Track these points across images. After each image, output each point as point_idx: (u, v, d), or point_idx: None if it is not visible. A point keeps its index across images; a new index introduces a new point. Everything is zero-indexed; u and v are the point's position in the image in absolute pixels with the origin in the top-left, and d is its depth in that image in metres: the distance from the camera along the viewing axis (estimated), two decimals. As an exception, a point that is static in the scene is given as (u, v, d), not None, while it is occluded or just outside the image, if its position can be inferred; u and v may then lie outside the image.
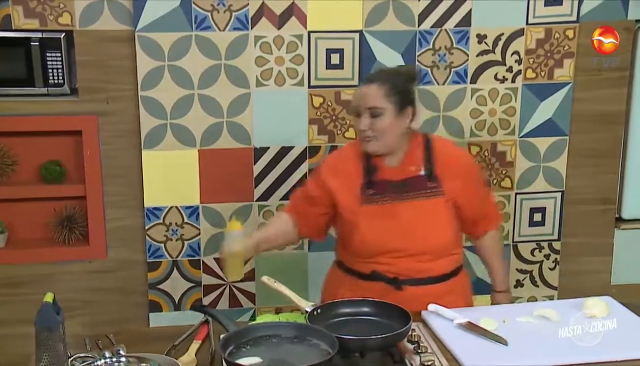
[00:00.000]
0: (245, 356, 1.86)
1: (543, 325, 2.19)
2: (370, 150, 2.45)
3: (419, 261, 2.45)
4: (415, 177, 2.47)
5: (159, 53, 3.28)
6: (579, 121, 3.60)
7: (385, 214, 2.44)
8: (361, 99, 2.44)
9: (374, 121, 2.41)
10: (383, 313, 2.13)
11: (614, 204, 3.75)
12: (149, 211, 3.42)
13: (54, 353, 1.78)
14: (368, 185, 2.47)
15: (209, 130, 3.38)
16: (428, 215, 2.46)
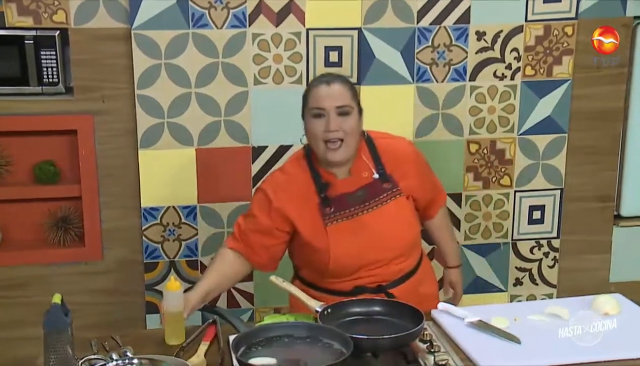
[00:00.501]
0: (258, 357, 1.83)
1: (555, 323, 2.16)
2: (336, 158, 2.31)
3: (396, 263, 2.40)
4: (370, 184, 2.38)
5: (155, 51, 3.23)
6: (577, 118, 3.59)
7: (353, 229, 2.33)
8: (325, 100, 2.29)
9: (342, 120, 2.29)
10: (394, 312, 2.10)
11: (612, 201, 3.74)
12: (146, 211, 3.37)
13: (63, 356, 1.74)
14: (325, 203, 2.34)
15: (206, 129, 3.34)
16: (394, 218, 2.38)
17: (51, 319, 1.73)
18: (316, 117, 2.31)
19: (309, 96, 2.36)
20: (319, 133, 2.30)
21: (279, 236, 2.40)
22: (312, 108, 2.32)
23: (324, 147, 2.31)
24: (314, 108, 2.31)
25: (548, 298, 3.76)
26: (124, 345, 2.06)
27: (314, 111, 2.32)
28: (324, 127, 2.29)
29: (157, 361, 1.75)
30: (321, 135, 2.29)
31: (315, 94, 2.32)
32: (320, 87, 2.33)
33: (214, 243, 3.44)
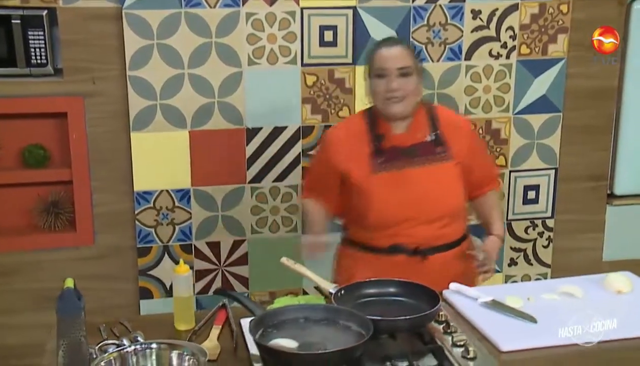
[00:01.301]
0: (276, 339, 1.79)
1: (569, 302, 2.15)
2: (396, 111, 2.44)
3: (436, 227, 2.45)
4: (423, 143, 2.48)
5: (147, 31, 3.16)
6: (572, 97, 3.58)
7: (398, 181, 2.43)
8: (388, 60, 2.42)
9: (403, 80, 2.42)
10: (408, 293, 2.06)
11: (606, 180, 3.74)
12: (139, 195, 3.31)
13: (75, 341, 1.68)
14: (377, 153, 2.46)
15: (199, 111, 3.28)
16: (440, 179, 2.46)
17: (64, 304, 1.67)
18: (379, 77, 2.44)
19: (374, 57, 2.49)
20: (381, 92, 2.44)
21: (334, 184, 2.54)
22: (376, 68, 2.45)
23: (384, 102, 2.44)
24: (377, 68, 2.45)
25: (542, 278, 3.76)
26: (133, 330, 2.00)
27: (377, 71, 2.45)
28: (385, 85, 2.42)
29: (177, 346, 1.70)
30: (383, 94, 2.43)
31: (378, 56, 2.46)
32: (383, 49, 2.47)
33: (208, 226, 3.39)
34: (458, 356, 1.85)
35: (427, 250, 2.43)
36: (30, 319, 3.33)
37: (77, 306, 1.67)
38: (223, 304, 2.12)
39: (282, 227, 3.46)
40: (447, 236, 2.48)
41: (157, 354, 1.69)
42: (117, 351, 1.68)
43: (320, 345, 1.77)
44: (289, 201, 3.43)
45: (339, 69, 3.34)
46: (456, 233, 2.52)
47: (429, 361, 1.83)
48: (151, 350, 1.69)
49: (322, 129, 3.37)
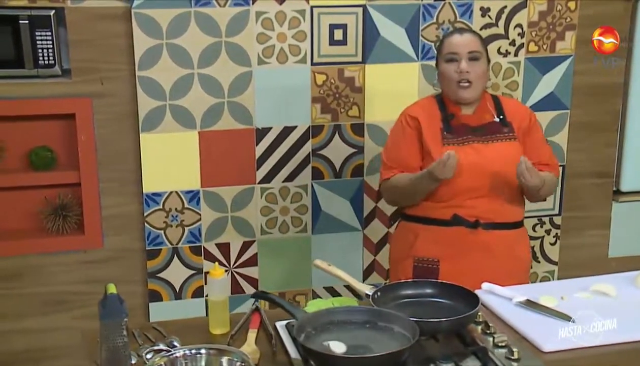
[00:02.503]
0: (323, 342, 1.77)
1: (603, 301, 2.14)
2: (466, 96, 2.56)
3: (497, 202, 2.54)
4: (490, 123, 2.61)
5: (156, 31, 3.12)
6: (579, 94, 3.59)
7: (466, 152, 2.53)
8: (459, 46, 2.55)
9: (473, 65, 2.54)
10: (445, 293, 2.05)
11: (611, 177, 3.76)
12: (148, 197, 3.27)
13: (118, 347, 1.65)
14: (447, 129, 2.58)
15: (209, 111, 3.25)
16: (505, 155, 2.54)
17: (108, 309, 1.64)
18: (449, 61, 2.57)
19: (444, 44, 2.62)
20: (451, 74, 2.56)
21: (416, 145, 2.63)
22: (447, 53, 2.58)
23: (455, 86, 2.56)
24: (448, 53, 2.58)
25: (550, 275, 3.77)
26: (167, 335, 1.97)
27: (448, 56, 2.57)
28: (456, 69, 2.55)
29: (226, 352, 1.67)
30: (454, 76, 2.55)
31: (449, 42, 2.60)
32: (454, 35, 2.61)
33: (218, 228, 3.36)
34: (501, 358, 1.83)
35: (487, 225, 2.53)
36: (38, 323, 3.28)
37: (121, 311, 1.64)
38: (256, 307, 2.09)
39: (292, 227, 3.43)
40: (506, 215, 2.58)
41: (206, 360, 1.66)
42: (166, 357, 1.64)
43: (366, 348, 1.75)
44: (299, 201, 3.41)
45: (349, 68, 3.33)
46: (514, 214, 2.61)
47: (472, 363, 1.82)
48: (201, 356, 1.66)
49: (331, 129, 3.36)
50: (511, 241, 2.60)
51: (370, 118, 3.38)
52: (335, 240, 3.47)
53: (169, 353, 1.68)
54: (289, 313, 1.92)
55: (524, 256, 2.68)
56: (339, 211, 3.46)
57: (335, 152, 3.39)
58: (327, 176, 3.41)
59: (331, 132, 3.36)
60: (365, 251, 3.52)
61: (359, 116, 3.37)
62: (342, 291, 3.51)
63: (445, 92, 2.64)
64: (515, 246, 2.62)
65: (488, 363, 1.81)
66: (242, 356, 1.64)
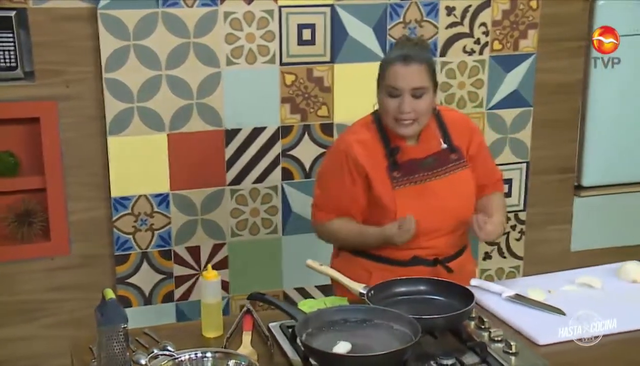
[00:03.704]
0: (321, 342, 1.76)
1: (589, 293, 2.19)
2: (405, 134, 2.33)
3: (455, 236, 2.42)
4: (438, 152, 2.40)
5: (123, 32, 3.07)
6: (541, 91, 3.65)
7: (420, 194, 2.34)
8: (402, 79, 2.27)
9: (416, 102, 2.28)
10: (438, 290, 2.06)
11: (573, 172, 3.83)
12: (116, 201, 3.20)
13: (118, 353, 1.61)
14: (393, 167, 2.35)
15: (178, 113, 3.20)
16: (460, 188, 2.40)
17: (107, 315, 1.60)
18: (391, 96, 2.30)
19: (386, 72, 2.32)
20: (391, 111, 2.31)
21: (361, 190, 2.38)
22: (388, 86, 2.31)
23: (394, 123, 2.33)
24: (389, 86, 2.30)
25: (515, 271, 3.82)
26: (160, 340, 1.93)
27: (389, 90, 2.30)
28: (397, 106, 2.29)
29: (232, 355, 1.65)
30: (393, 113, 2.30)
31: (392, 72, 2.29)
32: (397, 64, 2.29)
33: (188, 231, 3.32)
34: (499, 352, 1.85)
35: (444, 259, 2.38)
36: (6, 334, 3.19)
37: (121, 316, 1.60)
38: (248, 309, 2.07)
39: (263, 229, 3.41)
40: (461, 243, 2.47)
41: (213, 363, 1.63)
42: (171, 361, 1.61)
43: (368, 346, 1.75)
44: (269, 202, 3.39)
45: (318, 68, 3.32)
46: (466, 237, 2.50)
47: (471, 358, 1.83)
48: (207, 359, 1.64)
49: (301, 129, 3.35)
50: (465, 262, 2.49)
51: (340, 118, 3.38)
52: (306, 241, 3.45)
53: (173, 357, 1.64)
54: (286, 314, 1.91)
55: (472, 268, 2.57)
56: (309, 211, 3.41)
57: (305, 153, 3.38)
58: (297, 177, 3.39)
59: (301, 133, 3.35)
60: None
61: (328, 115, 3.37)
62: (313, 292, 3.51)
63: (383, 121, 2.38)
64: (467, 264, 2.50)
65: (487, 358, 1.82)
66: (248, 360, 1.62)
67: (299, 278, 3.49)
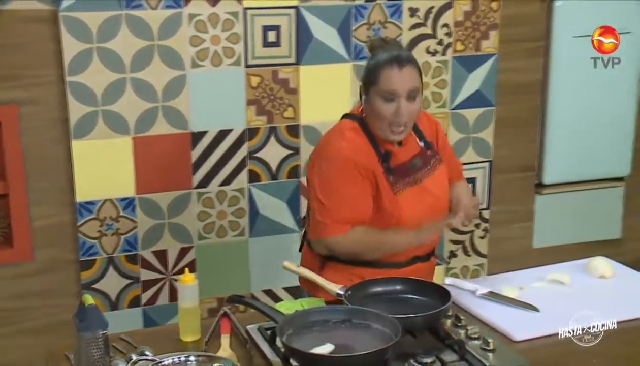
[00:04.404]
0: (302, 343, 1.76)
1: (559, 289, 2.23)
2: (399, 139, 2.32)
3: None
4: (420, 152, 2.42)
5: (86, 34, 3.03)
6: (502, 91, 3.70)
7: (419, 195, 2.35)
8: (398, 82, 2.23)
9: (410, 105, 2.26)
10: (414, 289, 2.08)
11: (534, 170, 3.89)
12: (81, 206, 3.16)
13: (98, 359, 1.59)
14: (388, 172, 2.32)
15: (143, 116, 3.18)
16: (443, 183, 2.45)
17: (88, 321, 1.58)
18: (387, 100, 2.25)
19: (380, 76, 2.26)
20: (387, 116, 2.26)
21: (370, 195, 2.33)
22: (384, 91, 2.25)
23: (387, 129, 2.28)
24: (386, 91, 2.24)
25: (480, 268, 3.87)
26: (137, 345, 1.91)
27: (385, 94, 2.25)
28: (393, 110, 2.24)
29: (215, 358, 1.64)
30: (389, 118, 2.26)
31: (387, 77, 2.24)
32: (393, 69, 2.24)
33: (154, 235, 3.29)
34: (477, 349, 1.87)
35: (431, 252, 2.44)
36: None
37: (101, 322, 1.58)
38: (225, 312, 2.06)
39: (230, 231, 3.40)
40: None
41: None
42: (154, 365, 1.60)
43: (349, 347, 1.76)
44: (236, 205, 3.38)
45: (283, 70, 3.32)
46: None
47: (449, 356, 1.85)
48: (190, 363, 1.63)
49: (267, 131, 3.34)
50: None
51: (306, 119, 3.39)
52: (273, 243, 3.46)
53: (155, 361, 1.63)
54: (266, 316, 1.90)
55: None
56: (276, 213, 3.45)
57: (271, 155, 3.38)
58: (263, 179, 3.39)
59: (267, 135, 3.35)
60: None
61: (294, 117, 3.37)
62: (281, 294, 3.51)
63: (372, 126, 2.32)
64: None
65: (465, 355, 1.84)
66: (232, 362, 1.61)
67: (267, 280, 3.49)
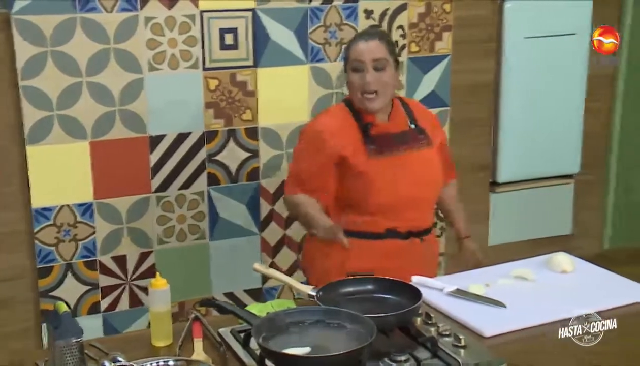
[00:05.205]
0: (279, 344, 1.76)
1: (524, 285, 2.27)
2: (373, 107, 2.46)
3: (427, 210, 2.58)
4: (408, 131, 2.55)
5: (39, 38, 2.99)
6: (457, 91, 3.76)
7: (395, 165, 2.47)
8: (363, 53, 2.44)
9: (378, 74, 2.44)
10: (385, 288, 2.09)
11: (488, 170, 3.96)
12: (37, 213, 3.11)
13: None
14: (368, 140, 2.47)
15: (100, 120, 3.14)
16: (430, 163, 2.55)
17: (63, 329, 1.55)
18: (355, 70, 2.46)
19: (349, 51, 2.50)
20: (357, 85, 2.46)
21: (331, 171, 2.50)
22: (352, 61, 2.47)
23: (361, 97, 2.47)
24: (354, 61, 2.47)
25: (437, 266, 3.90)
26: (109, 351, 1.89)
27: (353, 64, 2.47)
28: (361, 79, 2.44)
29: (193, 363, 1.63)
30: (359, 87, 2.45)
31: (354, 49, 2.48)
32: (359, 42, 2.48)
33: (113, 240, 3.26)
34: (449, 346, 1.90)
35: (418, 233, 2.52)
36: None
37: (76, 329, 1.56)
38: (196, 316, 2.05)
39: (190, 235, 3.38)
40: (431, 219, 2.63)
41: (176, 373, 1.61)
42: (132, 372, 1.58)
43: (325, 347, 1.77)
44: (196, 208, 3.36)
45: (241, 72, 3.32)
46: (433, 217, 2.68)
47: (422, 353, 1.87)
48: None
49: (226, 133, 3.33)
50: (433, 242, 2.66)
51: (264, 122, 3.39)
52: (233, 245, 3.46)
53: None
54: (241, 319, 1.90)
55: (437, 251, 2.78)
56: (236, 216, 3.44)
57: (231, 157, 3.37)
58: (223, 182, 3.38)
59: (226, 137, 3.34)
60: (264, 254, 3.51)
61: (252, 119, 3.37)
62: (242, 297, 3.50)
63: (353, 99, 2.52)
64: (434, 245, 2.68)
65: (438, 352, 1.87)
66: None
67: (228, 283, 3.48)
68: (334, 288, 2.09)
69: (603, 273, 2.38)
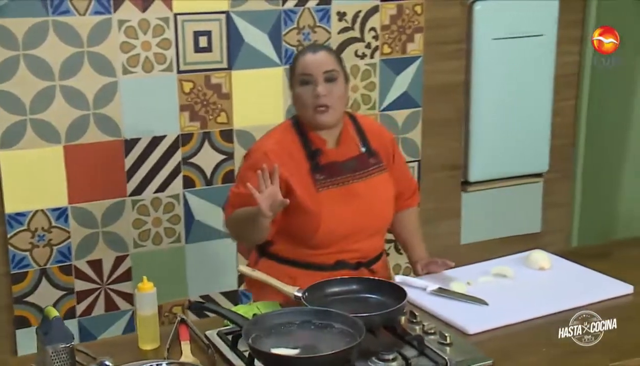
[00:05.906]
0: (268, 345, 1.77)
1: (504, 282, 2.31)
2: (325, 121, 2.33)
3: (377, 239, 2.48)
4: (358, 156, 2.42)
5: (11, 41, 2.96)
6: (428, 92, 3.80)
7: (345, 196, 2.35)
8: (312, 65, 2.31)
9: (330, 86, 2.31)
10: (370, 288, 2.12)
11: (460, 169, 4.00)
12: (11, 218, 3.08)
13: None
14: (316, 169, 2.35)
15: (74, 124, 3.12)
16: (381, 191, 2.44)
17: (53, 334, 1.55)
18: (304, 84, 2.33)
19: (296, 64, 2.37)
20: (307, 99, 2.32)
21: None
22: (300, 75, 2.34)
23: (312, 112, 2.32)
24: (302, 74, 2.33)
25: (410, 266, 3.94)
26: (97, 355, 1.89)
27: (302, 78, 2.33)
28: (311, 92, 2.30)
29: (186, 364, 1.63)
30: (310, 101, 2.31)
31: (302, 62, 2.35)
32: (307, 54, 2.36)
33: (88, 244, 3.24)
34: (435, 344, 1.93)
35: (367, 263, 2.43)
36: None
37: (67, 334, 1.56)
38: (182, 319, 2.06)
39: (166, 238, 3.37)
40: (381, 245, 2.53)
41: (168, 375, 1.61)
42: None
43: (314, 348, 1.78)
44: (171, 211, 3.36)
45: (215, 75, 3.32)
46: (383, 242, 2.56)
47: (409, 351, 1.89)
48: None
49: (201, 136, 3.33)
50: (384, 265, 2.57)
51: (239, 124, 3.39)
52: (209, 248, 3.45)
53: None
54: (230, 320, 1.91)
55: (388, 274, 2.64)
56: (211, 218, 3.44)
57: (206, 160, 3.37)
58: (198, 184, 3.38)
59: (201, 140, 3.34)
60: (240, 257, 3.51)
61: (227, 122, 3.37)
62: (218, 299, 3.50)
63: (302, 118, 2.38)
64: (384, 270, 2.56)
65: (424, 350, 1.89)
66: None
67: (204, 285, 3.48)
68: (319, 289, 2.11)
69: (579, 269, 2.44)
